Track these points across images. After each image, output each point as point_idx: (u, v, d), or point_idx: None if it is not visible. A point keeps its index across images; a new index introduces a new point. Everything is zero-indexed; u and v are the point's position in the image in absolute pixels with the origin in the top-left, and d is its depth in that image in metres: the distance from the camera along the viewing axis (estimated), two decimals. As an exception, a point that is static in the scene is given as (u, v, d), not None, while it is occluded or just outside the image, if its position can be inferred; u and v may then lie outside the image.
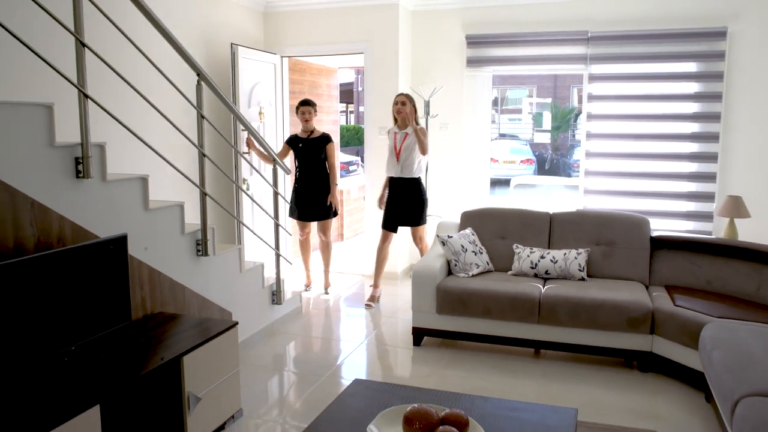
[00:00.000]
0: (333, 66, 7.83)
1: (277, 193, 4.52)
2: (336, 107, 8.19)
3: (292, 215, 5.54)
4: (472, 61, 5.93)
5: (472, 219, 4.69)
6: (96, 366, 2.56)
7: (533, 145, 19.35)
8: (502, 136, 20.55)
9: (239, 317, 4.06)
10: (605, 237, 4.39)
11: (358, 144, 16.88)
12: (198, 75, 3.57)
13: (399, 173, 5.11)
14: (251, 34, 5.98)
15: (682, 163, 5.45)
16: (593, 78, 5.60)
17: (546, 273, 4.27)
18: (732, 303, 3.76)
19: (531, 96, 22.79)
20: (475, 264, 4.35)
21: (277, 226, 4.48)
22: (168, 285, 3.42)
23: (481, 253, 4.43)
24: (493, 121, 21.31)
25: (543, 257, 4.29)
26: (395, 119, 5.14)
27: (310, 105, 5.34)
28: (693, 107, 5.37)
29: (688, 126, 5.40)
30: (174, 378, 2.76)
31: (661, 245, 4.32)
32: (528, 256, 4.34)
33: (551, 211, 4.62)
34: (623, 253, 4.32)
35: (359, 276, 6.20)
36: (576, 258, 4.23)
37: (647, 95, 5.46)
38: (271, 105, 5.96)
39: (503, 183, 14.48)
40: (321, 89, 7.38)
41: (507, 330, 4.03)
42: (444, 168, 6.16)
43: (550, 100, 22.12)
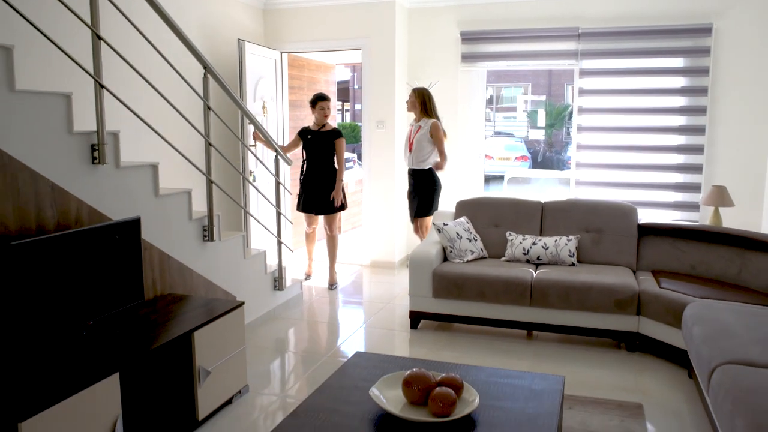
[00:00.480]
0: (331, 62, 7.99)
1: (279, 183, 4.68)
2: (334, 103, 8.34)
3: (298, 208, 5.58)
4: (466, 57, 6.11)
5: (466, 208, 4.87)
6: (113, 339, 2.73)
7: (528, 142, 19.54)
8: (497, 133, 20.73)
9: (243, 301, 4.22)
10: (594, 224, 4.57)
11: (354, 142, 17.02)
12: (205, 68, 3.73)
13: (411, 164, 5.32)
14: (251, 30, 6.15)
15: (669, 155, 5.64)
16: (584, 73, 5.78)
17: (538, 259, 4.44)
18: (714, 286, 3.95)
19: (526, 93, 22.99)
20: (470, 250, 4.52)
21: (279, 214, 4.64)
22: (177, 268, 3.59)
23: (476, 240, 4.61)
24: (489, 119, 21.51)
25: (535, 244, 4.47)
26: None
27: (328, 100, 5.39)
28: (680, 101, 5.56)
29: (675, 119, 5.59)
30: (185, 352, 2.92)
31: (648, 232, 4.51)
32: (520, 242, 4.51)
33: (543, 201, 4.80)
34: (612, 240, 4.50)
35: (357, 266, 6.37)
36: (566, 244, 4.41)
37: (636, 89, 5.65)
38: (272, 100, 6.13)
39: (498, 179, 14.67)
40: (319, 85, 7.54)
41: (500, 313, 4.20)
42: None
43: (544, 97, 22.31)
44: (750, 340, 2.89)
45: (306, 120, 6.92)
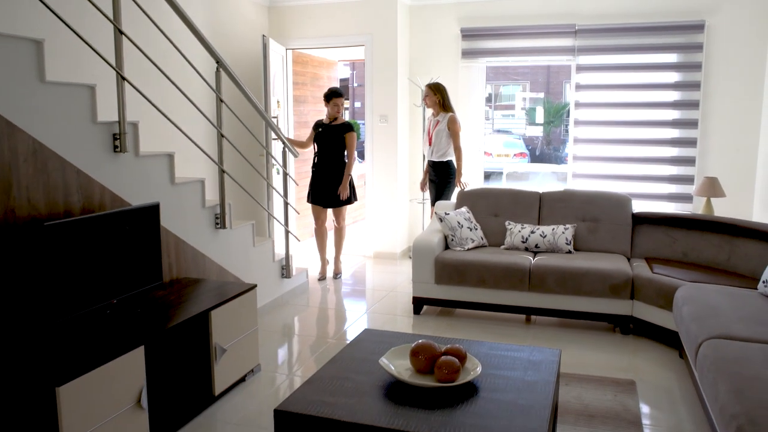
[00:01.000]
0: (333, 59, 8.15)
1: (287, 174, 4.85)
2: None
3: (308, 200, 5.62)
4: (466, 53, 6.27)
5: (467, 198, 5.04)
6: (135, 317, 2.90)
7: (526, 139, 19.70)
8: (496, 131, 20.89)
9: (256, 284, 4.38)
10: (590, 214, 4.74)
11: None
12: (217, 63, 3.90)
13: (430, 156, 5.57)
14: (256, 27, 6.30)
15: (663, 148, 5.81)
16: (580, 68, 5.95)
17: (536, 247, 4.61)
18: (705, 271, 4.12)
19: (524, 91, 23.14)
20: (471, 239, 4.70)
21: (286, 204, 4.81)
22: (191, 253, 3.76)
23: (476, 229, 4.78)
24: (487, 117, 21.68)
25: (533, 232, 4.64)
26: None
27: (342, 96, 5.46)
28: (673, 95, 5.74)
29: (669, 113, 5.76)
30: (203, 330, 3.09)
31: (642, 221, 4.68)
32: (519, 231, 4.68)
33: (541, 191, 4.97)
34: (607, 229, 4.67)
35: (361, 257, 6.54)
36: (563, 233, 4.58)
37: (631, 84, 5.82)
38: (280, 95, 6.29)
39: (497, 175, 14.83)
40: (322, 81, 7.70)
41: (500, 298, 4.37)
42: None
43: (542, 95, 22.47)
44: (734, 318, 3.06)
45: (310, 115, 7.10)
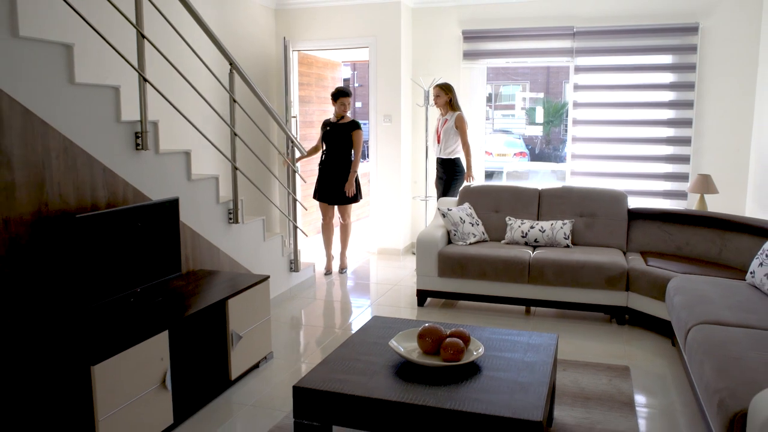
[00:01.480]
0: (337, 60, 8.33)
1: (295, 171, 5.03)
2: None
3: (315, 196, 5.74)
4: (468, 55, 6.46)
5: (469, 195, 5.22)
6: (157, 304, 3.08)
7: (526, 138, 19.88)
8: (496, 131, 21.06)
9: (269, 275, 4.56)
10: (588, 209, 4.92)
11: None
12: (231, 64, 4.08)
13: (439, 153, 5.79)
14: (264, 29, 6.49)
15: (659, 147, 5.99)
16: (579, 69, 6.14)
17: (535, 241, 4.80)
18: (697, 263, 4.30)
19: (524, 91, 23.31)
20: (472, 234, 4.88)
21: (294, 200, 4.99)
22: (206, 246, 3.94)
23: (478, 225, 4.96)
24: (488, 117, 21.86)
25: (532, 227, 4.82)
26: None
27: (349, 96, 5.60)
28: (668, 95, 5.92)
29: (664, 112, 5.95)
30: (220, 318, 3.27)
31: (638, 216, 4.86)
32: (519, 226, 4.86)
33: (540, 188, 5.16)
34: (604, 224, 4.85)
35: (365, 253, 6.73)
36: (562, 228, 4.76)
37: (627, 85, 6.01)
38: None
39: (498, 174, 15.00)
40: (326, 81, 7.88)
41: (501, 290, 4.56)
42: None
43: (542, 95, 22.65)
44: (723, 305, 3.25)
45: (315, 115, 7.28)
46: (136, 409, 2.61)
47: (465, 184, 5.56)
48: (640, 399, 3.24)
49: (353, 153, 5.61)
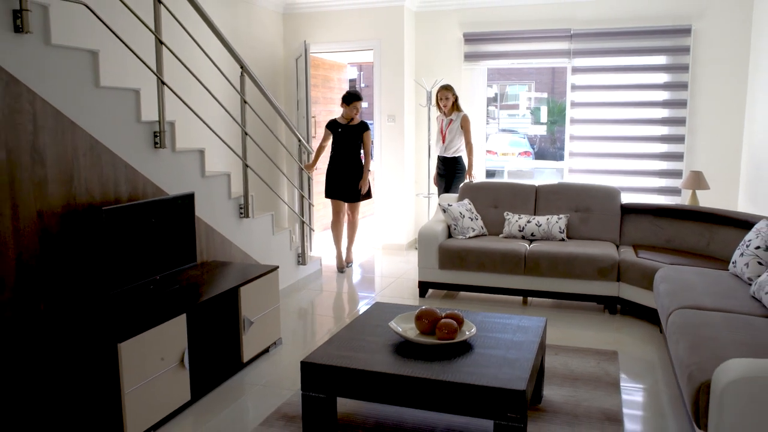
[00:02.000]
0: (343, 62, 8.57)
1: (302, 169, 5.27)
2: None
3: (326, 194, 5.84)
4: (468, 56, 6.68)
5: (469, 191, 5.44)
6: (175, 291, 3.33)
7: (530, 137, 20.06)
8: (502, 130, 21.24)
9: (278, 265, 4.80)
10: (583, 205, 5.13)
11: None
12: (241, 68, 4.33)
13: (443, 152, 6.04)
14: (272, 33, 6.73)
15: (653, 144, 6.20)
16: (576, 70, 6.35)
17: (531, 235, 5.02)
18: (686, 255, 4.51)
19: (530, 90, 23.48)
20: (471, 228, 5.10)
21: (302, 197, 5.23)
22: (219, 239, 4.19)
23: (477, 219, 5.18)
24: (494, 117, 22.03)
25: (529, 222, 5.04)
26: (438, 107, 6.02)
27: (362, 100, 5.81)
28: (663, 95, 6.13)
29: (658, 111, 6.15)
30: (233, 304, 3.51)
31: (630, 211, 5.07)
32: (516, 221, 5.09)
33: (537, 184, 5.38)
34: (598, 218, 5.07)
35: (370, 248, 6.96)
36: (557, 222, 4.98)
37: (623, 85, 6.22)
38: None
39: (500, 173, 15.21)
40: (332, 83, 8.12)
41: (498, 281, 4.78)
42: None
43: (546, 95, 22.81)
44: (704, 292, 3.46)
45: (321, 115, 7.51)
46: (157, 385, 2.86)
47: (465, 181, 5.79)
48: (625, 380, 3.46)
49: (363, 152, 5.84)
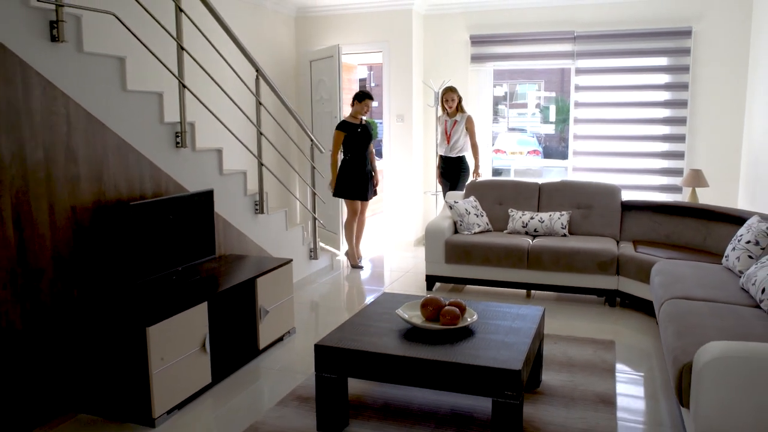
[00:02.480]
0: (353, 63, 8.79)
1: (314, 168, 5.49)
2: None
3: (347, 196, 5.87)
4: (475, 58, 6.88)
5: (475, 189, 5.64)
6: (196, 282, 3.55)
7: (539, 137, 20.19)
8: (511, 129, 21.38)
9: (292, 258, 5.01)
10: (584, 202, 5.32)
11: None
12: (257, 71, 4.55)
13: (448, 152, 6.21)
14: (284, 36, 6.96)
15: (655, 143, 6.37)
16: (579, 71, 6.53)
17: (534, 231, 5.21)
18: (682, 250, 4.69)
19: (539, 90, 23.59)
20: (477, 224, 5.30)
21: (314, 194, 5.45)
22: (236, 234, 4.41)
23: (482, 216, 5.38)
24: (503, 116, 22.16)
25: (532, 218, 5.23)
26: (443, 108, 6.18)
27: (373, 99, 5.99)
28: (664, 95, 6.30)
29: (659, 111, 6.32)
30: (250, 294, 3.73)
31: (630, 208, 5.25)
32: (520, 217, 5.28)
33: (540, 182, 5.56)
34: (599, 215, 5.25)
35: (379, 245, 7.17)
36: (559, 218, 5.17)
37: (625, 85, 6.40)
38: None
39: (507, 172, 15.36)
40: (343, 83, 8.34)
41: (502, 275, 4.97)
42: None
43: (554, 94, 22.92)
44: (695, 284, 3.64)
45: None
46: (181, 367, 3.08)
47: (470, 179, 5.98)
48: (621, 367, 3.65)
49: (369, 152, 6.01)
